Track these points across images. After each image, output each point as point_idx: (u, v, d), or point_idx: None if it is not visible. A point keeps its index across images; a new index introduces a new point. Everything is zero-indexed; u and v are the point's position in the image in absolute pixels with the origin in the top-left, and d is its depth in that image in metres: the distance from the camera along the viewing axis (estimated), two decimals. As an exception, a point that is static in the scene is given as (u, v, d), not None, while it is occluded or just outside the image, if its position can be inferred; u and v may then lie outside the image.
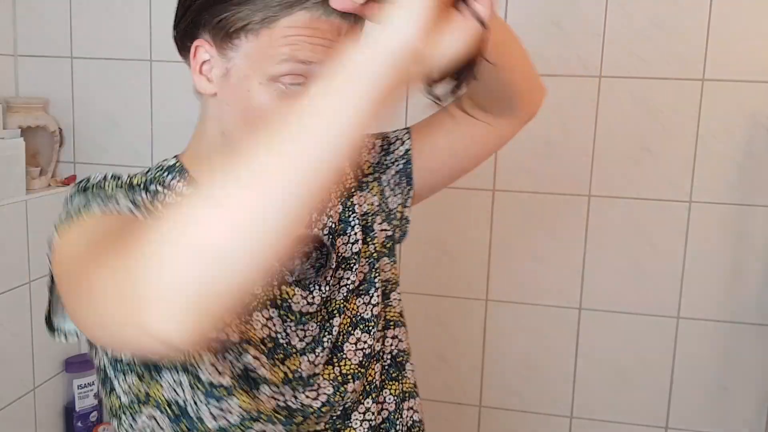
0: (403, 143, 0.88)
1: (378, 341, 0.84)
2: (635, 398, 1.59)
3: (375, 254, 0.85)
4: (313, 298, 0.78)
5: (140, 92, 1.68)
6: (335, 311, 0.81)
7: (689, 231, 1.52)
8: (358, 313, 0.83)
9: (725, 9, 1.44)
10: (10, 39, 1.73)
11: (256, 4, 0.63)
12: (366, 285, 0.84)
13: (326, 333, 0.79)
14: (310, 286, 0.78)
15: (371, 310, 0.84)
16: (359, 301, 0.83)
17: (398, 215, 0.88)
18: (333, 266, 0.80)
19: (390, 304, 0.88)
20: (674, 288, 1.54)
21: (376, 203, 0.86)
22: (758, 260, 1.51)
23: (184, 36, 0.70)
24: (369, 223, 0.85)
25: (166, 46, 1.68)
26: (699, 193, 1.51)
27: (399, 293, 0.89)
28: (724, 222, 1.51)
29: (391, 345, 0.87)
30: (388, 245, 0.87)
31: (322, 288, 0.79)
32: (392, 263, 0.89)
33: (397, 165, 0.87)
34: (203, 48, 0.68)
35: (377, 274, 0.84)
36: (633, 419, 1.60)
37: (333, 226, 0.82)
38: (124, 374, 0.71)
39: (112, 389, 0.72)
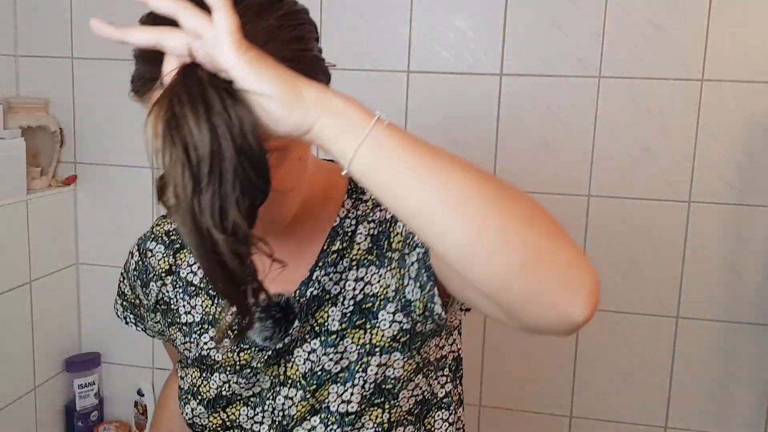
0: None
1: None
2: (635, 398, 1.59)
3: (369, 345, 0.74)
4: (265, 355, 0.77)
5: (141, 92, 1.68)
6: (288, 383, 0.77)
7: (688, 231, 1.52)
8: (326, 400, 0.74)
9: (724, 9, 1.44)
10: (11, 39, 1.73)
11: None
12: (344, 374, 0.74)
13: (271, 398, 0.78)
14: (264, 346, 0.77)
15: (340, 405, 0.74)
16: (332, 389, 0.74)
17: (419, 309, 0.70)
18: (292, 336, 0.76)
19: (398, 404, 0.75)
20: (674, 288, 1.54)
21: (393, 288, 0.73)
22: (758, 260, 1.51)
23: None
24: (373, 307, 0.74)
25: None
26: (698, 193, 1.51)
27: (414, 389, 0.77)
28: (723, 222, 1.51)
29: None
30: (401, 339, 0.74)
31: (277, 348, 0.76)
32: (407, 359, 0.75)
33: (418, 252, 0.68)
34: None
35: (363, 368, 0.74)
36: (632, 419, 1.60)
37: (319, 294, 0.75)
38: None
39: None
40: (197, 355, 0.81)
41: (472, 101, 1.57)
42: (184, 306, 0.82)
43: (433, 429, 0.80)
